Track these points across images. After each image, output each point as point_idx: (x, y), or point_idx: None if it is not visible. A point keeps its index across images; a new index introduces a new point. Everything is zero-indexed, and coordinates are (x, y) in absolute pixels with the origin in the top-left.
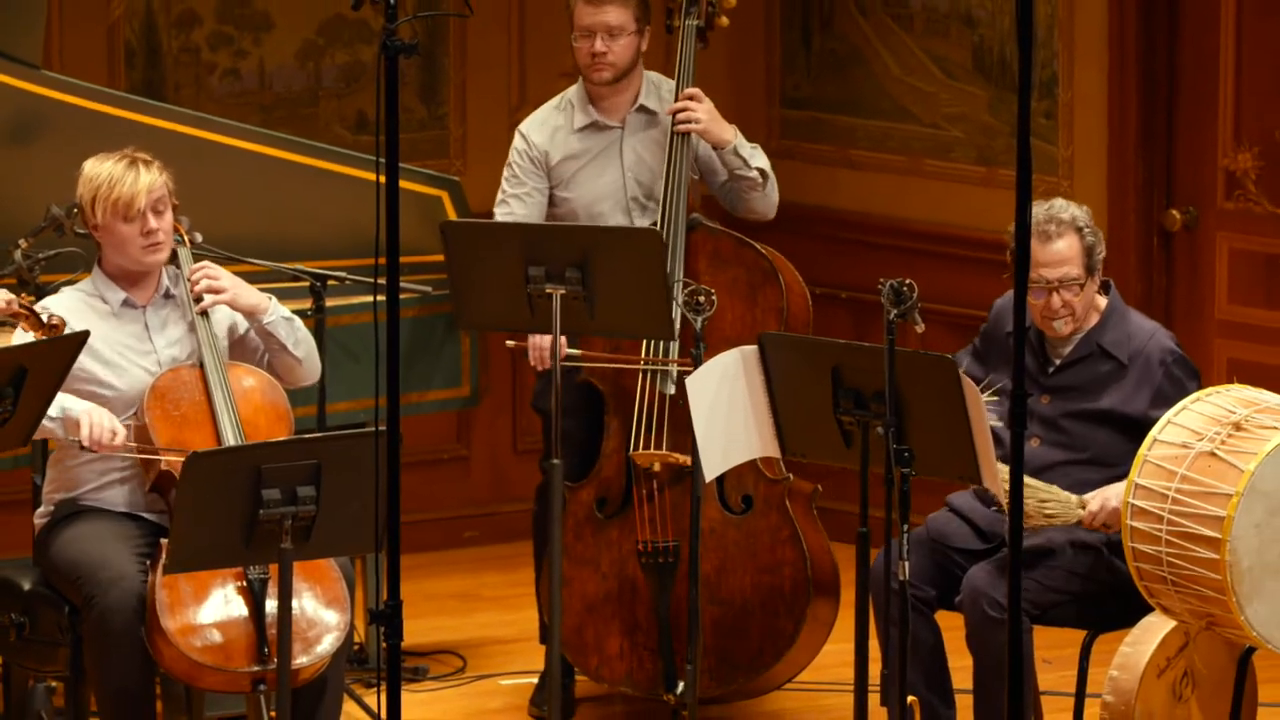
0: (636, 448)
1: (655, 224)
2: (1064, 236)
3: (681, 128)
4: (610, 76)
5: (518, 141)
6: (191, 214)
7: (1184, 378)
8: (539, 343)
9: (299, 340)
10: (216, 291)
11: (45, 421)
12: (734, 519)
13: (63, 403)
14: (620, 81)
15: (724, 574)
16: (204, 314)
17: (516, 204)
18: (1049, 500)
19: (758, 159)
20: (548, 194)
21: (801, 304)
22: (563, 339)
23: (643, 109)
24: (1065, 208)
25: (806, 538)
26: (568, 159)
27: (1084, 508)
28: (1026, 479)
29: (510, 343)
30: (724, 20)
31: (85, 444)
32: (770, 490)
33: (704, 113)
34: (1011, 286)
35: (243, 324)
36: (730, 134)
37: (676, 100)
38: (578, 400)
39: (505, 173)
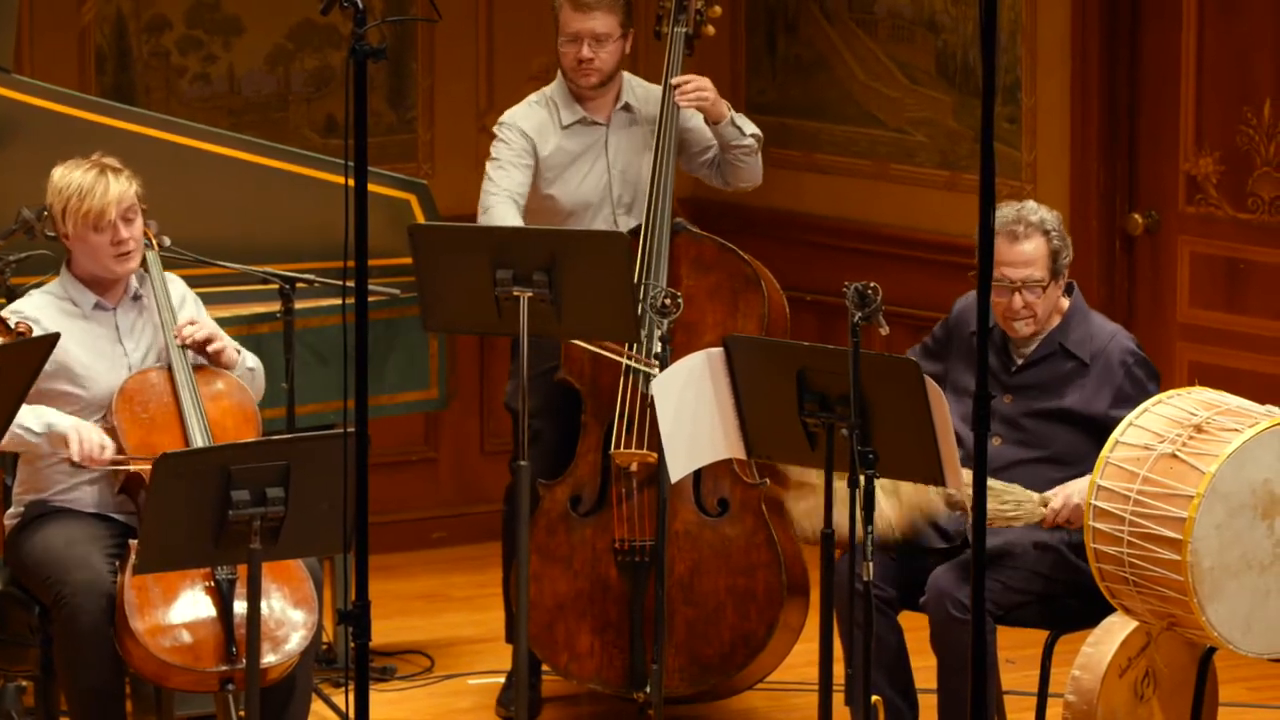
0: (616, 447)
1: (640, 224)
2: (1031, 238)
3: (692, 103)
4: (596, 81)
5: (503, 129)
6: (161, 217)
7: (1145, 378)
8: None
9: (258, 389)
10: (210, 338)
11: (28, 436)
12: (709, 521)
13: (46, 417)
14: (605, 85)
15: (698, 576)
16: (171, 308)
17: (512, 169)
18: (1009, 501)
19: (749, 126)
20: (533, 174)
21: (781, 311)
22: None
23: (626, 106)
24: (1036, 210)
25: (781, 542)
26: (555, 154)
27: (1045, 505)
28: (988, 480)
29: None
30: (710, 29)
31: (76, 460)
32: (747, 494)
33: (709, 91)
34: (976, 284)
35: None
36: (726, 109)
37: (663, 101)
38: (553, 400)
39: (493, 150)
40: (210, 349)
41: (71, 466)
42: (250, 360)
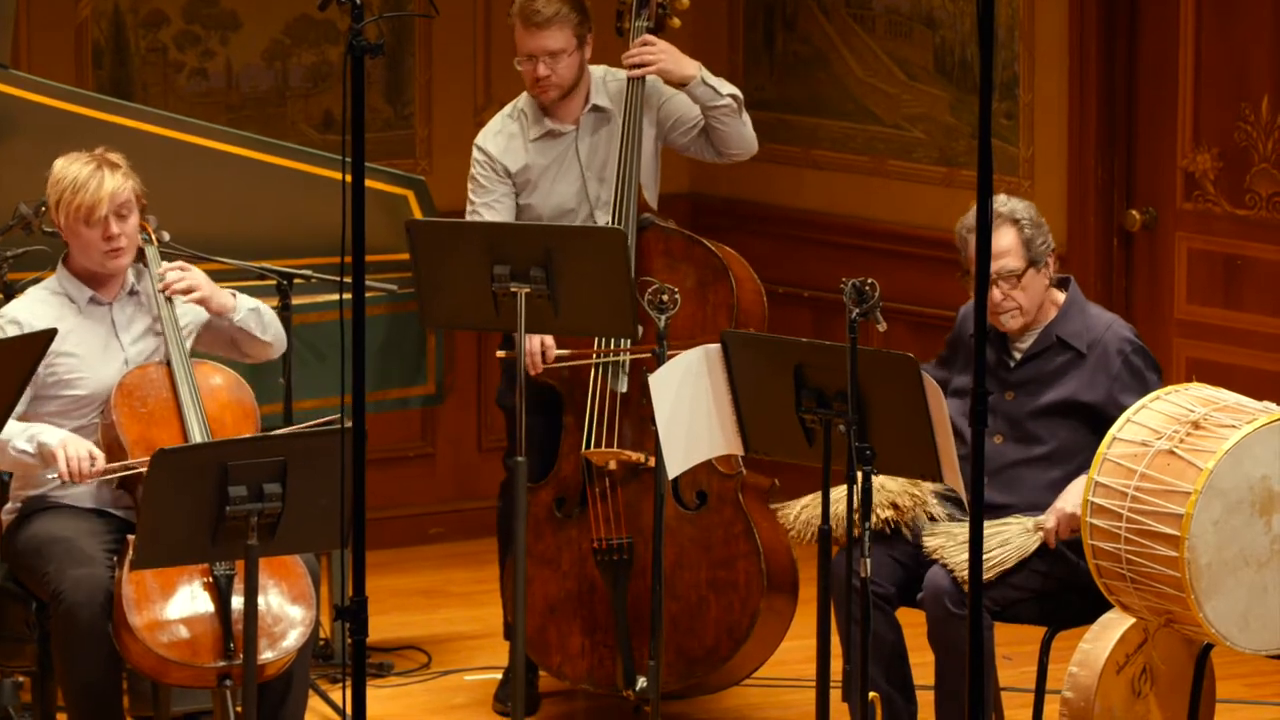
0: (587, 446)
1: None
2: (1000, 229)
3: (637, 71)
4: (555, 96)
5: (476, 154)
6: (159, 213)
7: (1143, 367)
8: (532, 347)
9: (266, 325)
10: (192, 288)
11: (22, 456)
12: (688, 514)
13: (38, 435)
14: (569, 95)
15: (679, 569)
16: (169, 301)
17: (486, 212)
18: (995, 542)
19: (726, 86)
20: (514, 197)
21: (754, 300)
22: (551, 341)
23: (595, 108)
24: (1005, 202)
25: (760, 532)
26: (526, 168)
27: (1038, 530)
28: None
29: (500, 353)
30: (675, 21)
31: (64, 478)
32: (724, 485)
33: (659, 52)
34: (963, 288)
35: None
36: (693, 68)
37: (626, 98)
38: (537, 400)
39: (470, 185)
40: (195, 296)
41: (63, 484)
42: (249, 302)
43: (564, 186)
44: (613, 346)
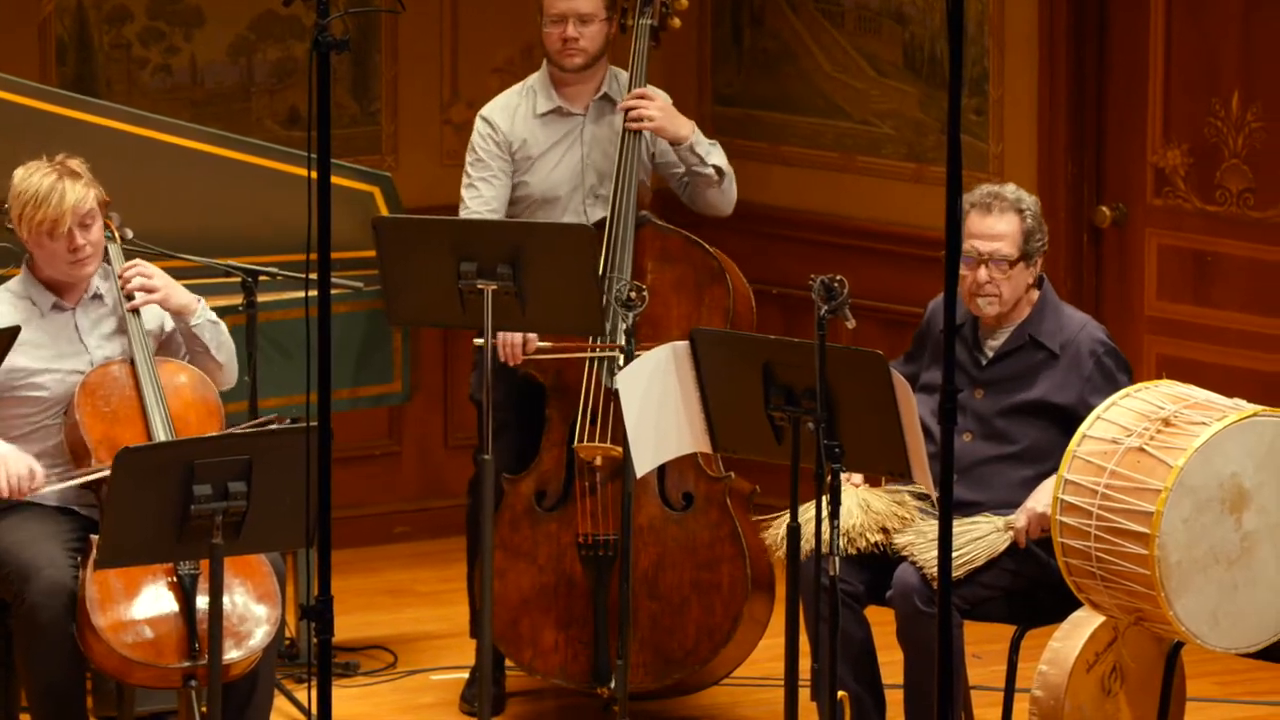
0: (580, 440)
1: (606, 217)
2: (1005, 213)
3: (634, 125)
4: (581, 62)
5: (480, 126)
6: (123, 209)
7: (1114, 368)
8: (509, 339)
9: (221, 344)
10: (149, 290)
11: None
12: (674, 515)
13: None
14: (588, 69)
15: (662, 570)
16: (135, 311)
17: (484, 186)
18: (966, 541)
19: (714, 156)
20: (512, 174)
21: (746, 305)
22: (533, 334)
23: (605, 98)
24: (1015, 190)
25: (746, 536)
26: (528, 144)
27: (1009, 529)
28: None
29: (477, 340)
30: (676, 21)
31: (3, 494)
32: (711, 488)
33: (656, 109)
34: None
35: (170, 323)
36: (687, 130)
37: (627, 98)
38: (517, 393)
39: (469, 157)
40: (155, 297)
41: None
42: (211, 314)
43: (562, 170)
44: (605, 342)
